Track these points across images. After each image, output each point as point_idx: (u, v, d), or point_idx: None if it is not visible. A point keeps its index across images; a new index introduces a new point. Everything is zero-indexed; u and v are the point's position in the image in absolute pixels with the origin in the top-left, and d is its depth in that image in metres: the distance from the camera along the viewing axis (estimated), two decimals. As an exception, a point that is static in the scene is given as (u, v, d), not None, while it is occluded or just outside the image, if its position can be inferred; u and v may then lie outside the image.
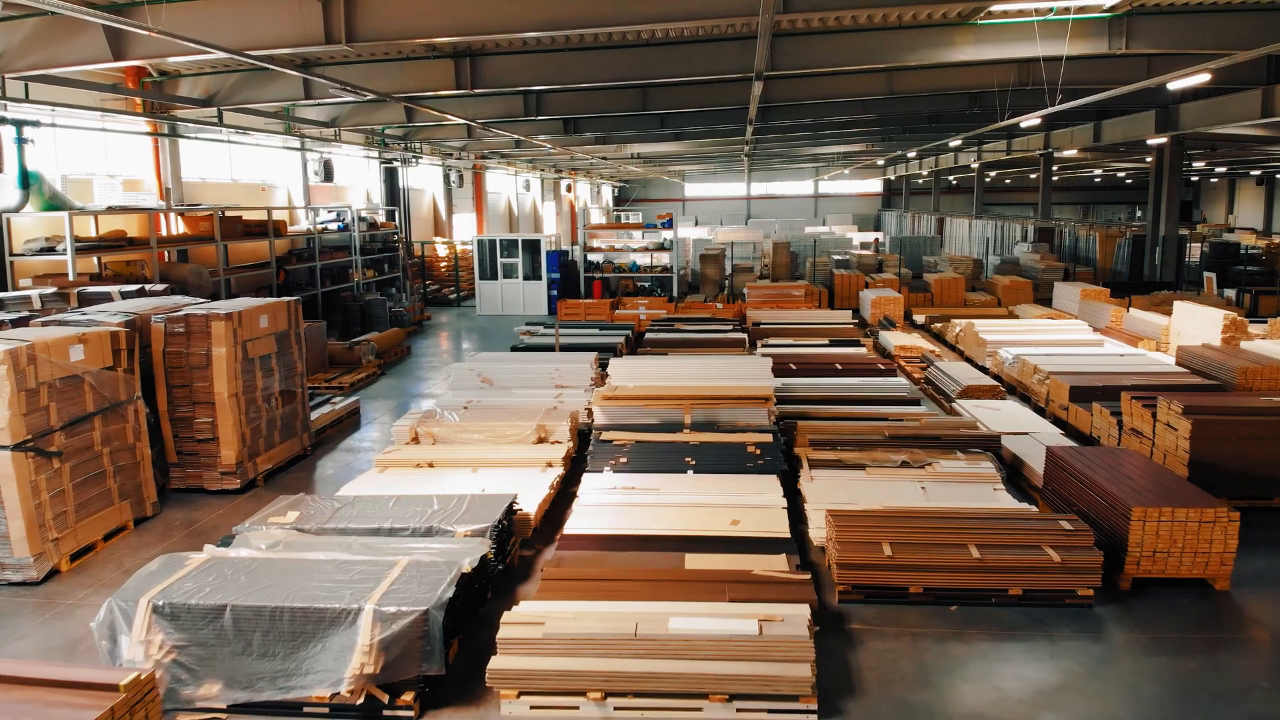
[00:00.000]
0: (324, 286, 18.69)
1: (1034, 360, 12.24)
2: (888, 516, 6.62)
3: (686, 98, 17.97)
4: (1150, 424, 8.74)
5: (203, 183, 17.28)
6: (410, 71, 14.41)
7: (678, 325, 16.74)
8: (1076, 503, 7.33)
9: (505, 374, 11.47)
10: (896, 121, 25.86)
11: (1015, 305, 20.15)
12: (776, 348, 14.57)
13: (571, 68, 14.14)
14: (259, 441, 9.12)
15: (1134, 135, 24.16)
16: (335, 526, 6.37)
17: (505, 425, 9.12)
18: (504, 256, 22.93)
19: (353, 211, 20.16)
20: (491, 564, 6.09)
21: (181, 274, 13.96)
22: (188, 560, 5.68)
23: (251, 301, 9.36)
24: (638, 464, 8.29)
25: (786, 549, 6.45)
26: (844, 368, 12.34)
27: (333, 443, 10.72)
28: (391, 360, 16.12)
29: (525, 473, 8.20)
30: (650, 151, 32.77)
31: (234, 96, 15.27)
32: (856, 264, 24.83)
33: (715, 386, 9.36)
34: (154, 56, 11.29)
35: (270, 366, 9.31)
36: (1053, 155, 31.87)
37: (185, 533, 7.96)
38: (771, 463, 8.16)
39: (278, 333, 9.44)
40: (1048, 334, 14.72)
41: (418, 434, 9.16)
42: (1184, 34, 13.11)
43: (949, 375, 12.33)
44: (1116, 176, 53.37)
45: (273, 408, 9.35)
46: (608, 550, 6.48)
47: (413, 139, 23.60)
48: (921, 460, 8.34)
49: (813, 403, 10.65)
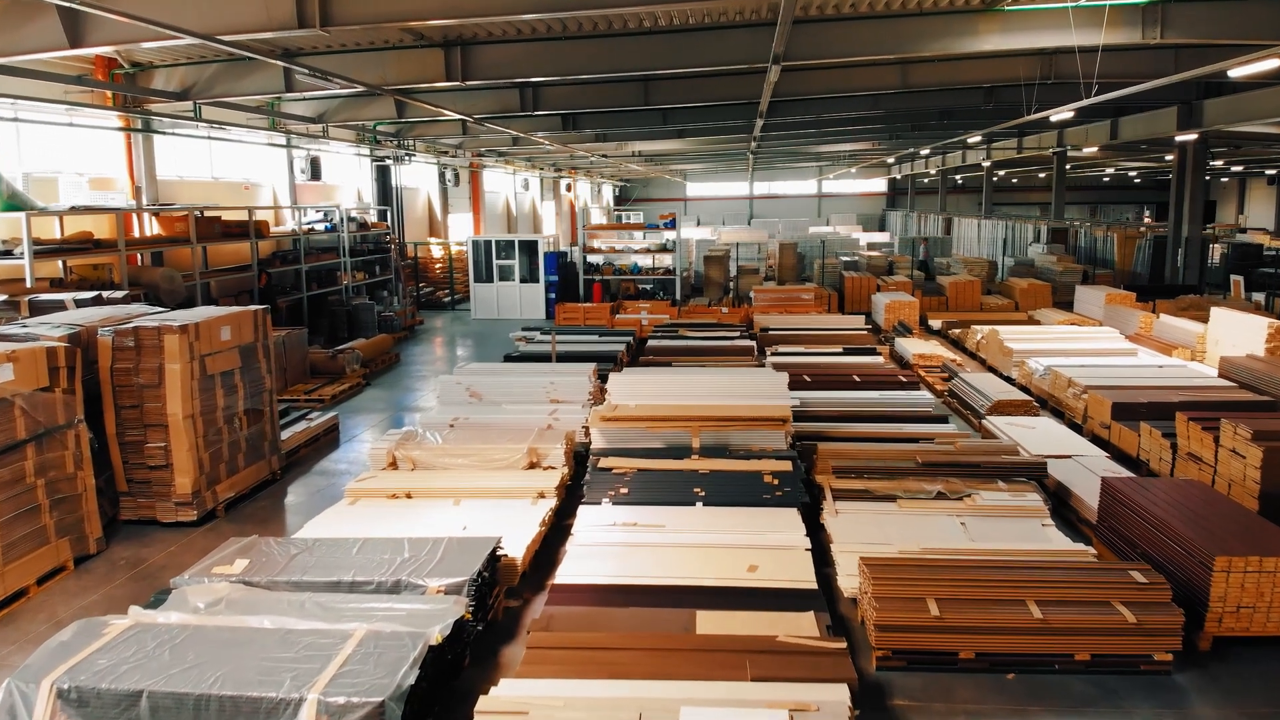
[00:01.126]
0: (310, 290, 17.79)
1: (1067, 372, 11.34)
2: (931, 567, 5.72)
3: (690, 91, 17.07)
4: (1211, 449, 7.83)
5: (180, 181, 16.38)
6: (397, 62, 13.48)
7: (681, 331, 15.85)
8: (1141, 544, 6.43)
9: (496, 387, 10.58)
10: (907, 118, 24.95)
11: (1034, 310, 19.25)
12: (787, 356, 13.67)
13: (569, 58, 13.23)
14: (219, 467, 8.21)
15: (1154, 133, 23.26)
16: (289, 579, 5.47)
17: (493, 449, 8.22)
18: (500, 258, 22.00)
19: (341, 211, 19.24)
20: (469, 625, 5.19)
21: (152, 278, 13.06)
22: (107, 627, 4.79)
23: (211, 311, 8.46)
24: (640, 495, 7.39)
25: (814, 604, 5.56)
26: (862, 380, 11.43)
27: (306, 464, 9.81)
28: (379, 369, 15.22)
29: (513, 505, 7.29)
30: (652, 150, 31.86)
31: (211, 89, 14.36)
32: (867, 265, 23.91)
33: (726, 406, 8.44)
34: (114, 43, 10.41)
35: (233, 383, 8.40)
36: (1066, 154, 30.99)
37: (131, 574, 7.06)
38: (791, 494, 7.26)
39: (242, 345, 8.54)
40: (1077, 342, 13.80)
41: (396, 458, 8.25)
42: (1221, 23, 12.21)
43: (975, 388, 11.42)
44: (1125, 176, 52.44)
45: (236, 429, 8.45)
46: (605, 605, 5.58)
47: (405, 136, 22.67)
48: (959, 491, 7.44)
49: (831, 420, 9.73)
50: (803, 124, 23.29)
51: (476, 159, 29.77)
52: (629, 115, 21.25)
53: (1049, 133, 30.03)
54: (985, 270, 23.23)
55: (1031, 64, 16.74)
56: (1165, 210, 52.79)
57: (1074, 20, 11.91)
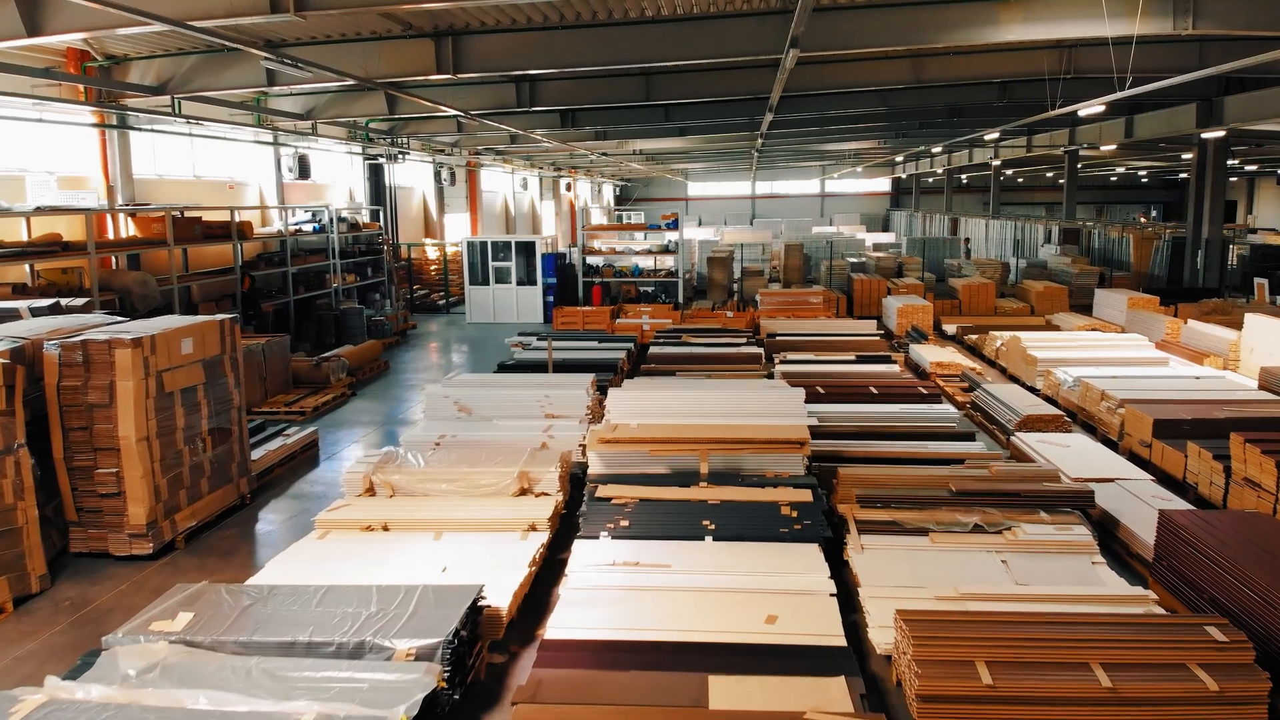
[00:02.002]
0: (298, 294, 17.05)
1: (1099, 384, 10.59)
2: (979, 623, 4.97)
3: (694, 86, 16.33)
4: (1273, 476, 7.08)
5: (160, 180, 15.65)
6: (384, 53, 12.72)
7: (685, 338, 15.11)
8: (1208, 589, 5.68)
9: (488, 401, 9.83)
10: (916, 115, 24.18)
11: (1051, 314, 18.50)
12: (796, 365, 12.93)
13: (565, 49, 12.48)
14: (179, 494, 7.47)
15: (1172, 130, 22.49)
16: (236, 639, 4.73)
17: (480, 473, 7.47)
18: (496, 260, 21.24)
19: (330, 211, 18.48)
20: (444, 696, 4.46)
21: (124, 283, 12.32)
22: (16, 705, 4.05)
23: (171, 322, 7.71)
24: (643, 528, 6.64)
25: (844, 666, 4.82)
26: (880, 392, 10.69)
27: (280, 486, 9.06)
28: (367, 377, 14.48)
29: (501, 540, 6.55)
30: (654, 148, 31.08)
31: (190, 83, 13.60)
32: (876, 267, 23.16)
33: (737, 426, 7.69)
34: (76, 30, 9.66)
35: (196, 400, 7.67)
36: (1078, 152, 30.23)
37: (74, 618, 6.32)
38: (812, 528, 6.51)
39: (207, 359, 7.80)
40: (1104, 350, 13.05)
41: (373, 484, 7.51)
42: (1255, 14, 11.47)
43: (1000, 400, 10.67)
44: (1132, 176, 51.67)
45: (199, 451, 7.71)
46: (602, 667, 4.84)
47: (399, 133, 21.92)
48: (998, 523, 6.69)
49: (849, 437, 8.98)
50: (810, 121, 22.53)
51: (473, 158, 29.01)
52: (630, 112, 20.51)
53: (1060, 130, 29.29)
54: (998, 272, 22.47)
55: (1050, 58, 15.98)
56: (1173, 210, 52.36)
57: (1107, 9, 11.19)
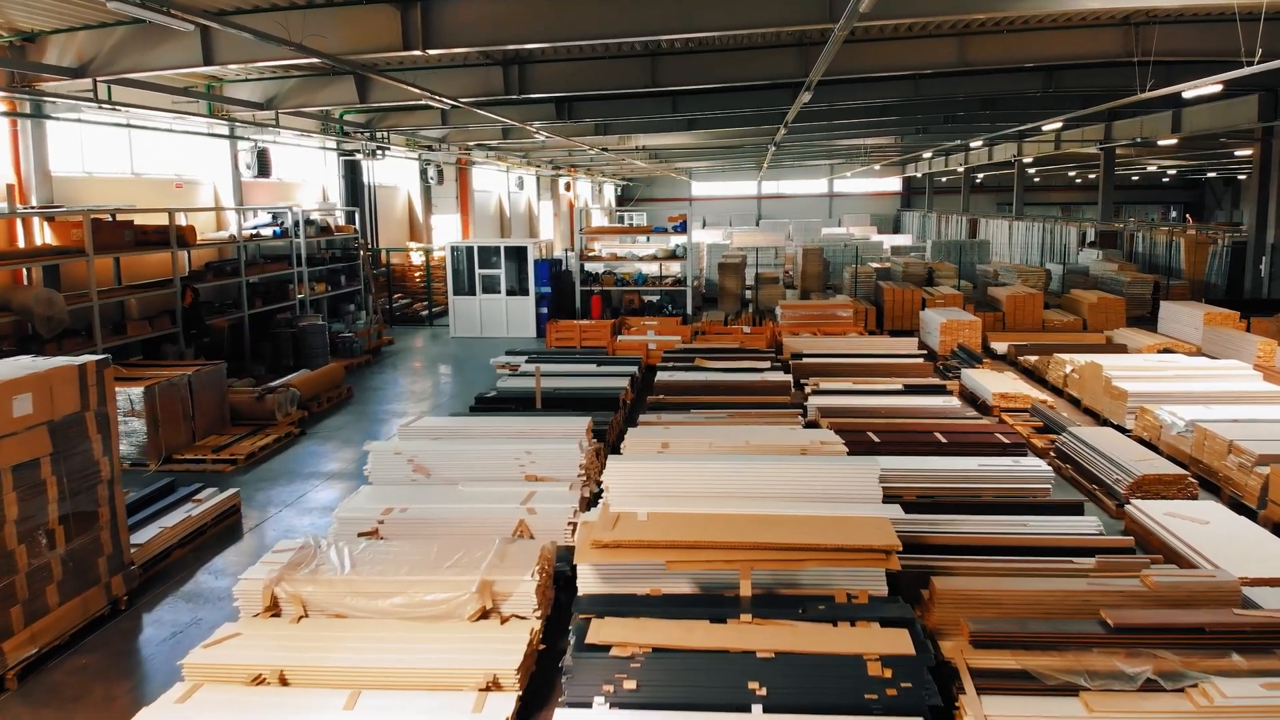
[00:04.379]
0: (254, 307, 14.89)
1: (1219, 429, 8.45)
2: None
3: (705, 70, 14.22)
4: None
5: (89, 178, 13.52)
6: (342, 22, 10.61)
7: (698, 360, 12.96)
8: None
9: (453, 458, 7.67)
10: (946, 107, 22.03)
11: (1109, 329, 16.37)
12: (832, 397, 10.78)
13: (559, 20, 10.35)
14: (10, 612, 5.34)
15: (1229, 124, 20.43)
16: None
17: (426, 583, 5.32)
18: (484, 267, 19.08)
19: (294, 213, 16.32)
20: None
21: (24, 301, 10.21)
22: None
23: (3, 371, 5.58)
24: (656, 691, 4.49)
25: None
26: (948, 440, 8.53)
27: (177, 577, 6.91)
28: (325, 409, 12.33)
29: (445, 709, 4.41)
30: (659, 144, 28.93)
31: (116, 62, 11.46)
32: (904, 274, 21.00)
33: (786, 519, 5.48)
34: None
35: (38, 479, 5.54)
36: (1114, 149, 28.09)
37: None
38: (914, 694, 4.37)
39: (56, 421, 5.67)
40: (1201, 381, 10.86)
41: (278, 598, 5.37)
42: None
43: (1095, 450, 8.51)
44: (1153, 175, 49.49)
45: (42, 549, 5.58)
46: None
47: (378, 126, 19.78)
48: (1180, 674, 4.55)
49: (927, 511, 6.84)
50: (837, 112, 20.34)
51: (464, 154, 26.85)
52: (633, 101, 18.39)
53: (1095, 126, 27.17)
54: (1042, 280, 20.30)
55: (1114, 37, 13.93)
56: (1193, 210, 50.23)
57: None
